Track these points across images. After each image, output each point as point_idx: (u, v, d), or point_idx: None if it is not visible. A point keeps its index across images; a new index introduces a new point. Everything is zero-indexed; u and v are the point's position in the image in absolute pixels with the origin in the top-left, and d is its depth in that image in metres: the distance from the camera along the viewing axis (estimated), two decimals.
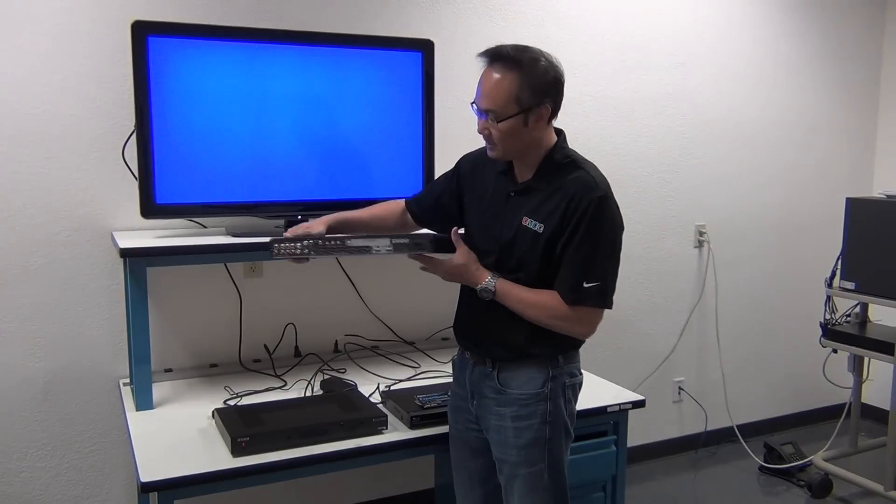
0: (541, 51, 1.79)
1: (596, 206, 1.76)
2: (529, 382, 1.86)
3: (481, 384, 1.93)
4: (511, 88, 1.74)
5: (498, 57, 1.76)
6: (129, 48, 2.24)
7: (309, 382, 2.50)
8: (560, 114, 1.84)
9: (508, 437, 1.88)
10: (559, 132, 1.89)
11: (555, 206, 1.79)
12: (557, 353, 1.88)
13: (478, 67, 1.84)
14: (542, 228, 1.80)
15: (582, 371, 1.97)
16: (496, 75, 1.75)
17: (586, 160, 1.87)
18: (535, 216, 1.82)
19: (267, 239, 1.96)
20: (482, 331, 1.92)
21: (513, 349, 1.87)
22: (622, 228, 1.84)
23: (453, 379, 2.07)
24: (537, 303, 1.82)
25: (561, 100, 1.83)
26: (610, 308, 1.83)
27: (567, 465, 1.93)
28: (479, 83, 1.79)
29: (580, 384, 1.96)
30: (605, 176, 1.84)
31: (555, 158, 1.84)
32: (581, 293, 1.78)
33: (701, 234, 3.65)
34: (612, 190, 1.83)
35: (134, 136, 2.31)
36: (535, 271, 1.83)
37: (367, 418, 2.11)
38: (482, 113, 1.79)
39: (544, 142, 1.84)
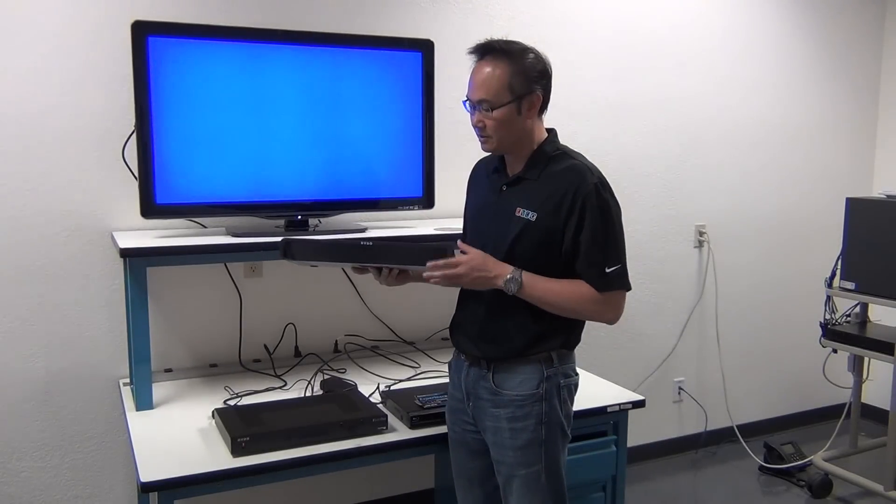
0: (526, 45, 1.85)
1: (597, 193, 1.80)
2: (524, 384, 1.86)
3: (477, 386, 1.93)
4: (503, 77, 1.79)
5: (488, 50, 1.82)
6: (129, 48, 2.24)
7: (309, 382, 2.50)
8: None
9: (505, 438, 1.88)
10: (550, 130, 1.92)
11: (548, 195, 1.82)
12: (552, 353, 1.88)
13: None
14: (534, 217, 1.82)
15: (578, 372, 1.97)
16: (487, 67, 1.80)
17: (576, 151, 1.90)
18: (527, 206, 1.83)
19: (265, 239, 1.95)
20: (478, 332, 1.92)
21: (508, 350, 1.87)
22: (621, 210, 1.88)
23: (449, 381, 2.07)
24: (565, 292, 1.82)
25: (550, 93, 1.87)
26: (630, 289, 1.86)
27: (565, 466, 1.93)
28: (471, 77, 1.84)
29: (576, 385, 1.95)
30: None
31: (545, 150, 1.88)
32: (607, 279, 1.81)
33: (701, 234, 3.65)
34: (609, 183, 1.86)
35: (134, 136, 2.31)
36: (528, 261, 1.83)
37: (367, 418, 2.11)
38: (475, 106, 1.83)
39: (535, 135, 1.88)
